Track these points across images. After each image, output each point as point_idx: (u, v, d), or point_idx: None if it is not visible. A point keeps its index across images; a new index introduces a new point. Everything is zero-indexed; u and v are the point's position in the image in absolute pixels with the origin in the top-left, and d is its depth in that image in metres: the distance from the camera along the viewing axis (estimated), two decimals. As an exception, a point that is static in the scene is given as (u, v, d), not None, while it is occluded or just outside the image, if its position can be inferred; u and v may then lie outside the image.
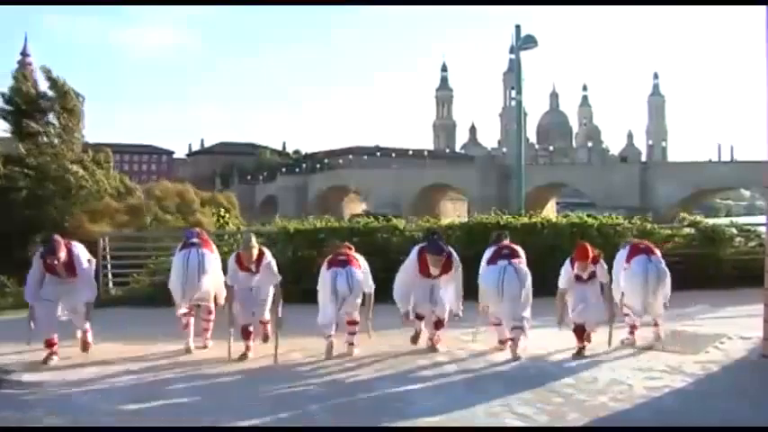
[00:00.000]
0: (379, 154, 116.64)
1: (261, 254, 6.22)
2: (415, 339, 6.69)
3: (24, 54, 79.45)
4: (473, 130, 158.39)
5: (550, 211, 44.42)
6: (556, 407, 4.81)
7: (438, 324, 6.49)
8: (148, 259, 10.32)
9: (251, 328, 6.31)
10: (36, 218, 15.14)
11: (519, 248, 6.56)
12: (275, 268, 6.29)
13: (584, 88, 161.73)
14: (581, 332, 6.27)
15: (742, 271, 10.31)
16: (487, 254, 6.56)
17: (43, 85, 19.06)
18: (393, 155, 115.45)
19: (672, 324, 7.25)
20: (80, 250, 6.19)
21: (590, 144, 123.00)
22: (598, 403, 4.88)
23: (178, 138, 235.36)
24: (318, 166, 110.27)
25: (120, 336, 6.92)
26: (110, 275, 9.80)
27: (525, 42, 13.93)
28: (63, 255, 5.91)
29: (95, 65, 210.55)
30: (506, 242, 6.67)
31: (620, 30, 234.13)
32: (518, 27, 14.11)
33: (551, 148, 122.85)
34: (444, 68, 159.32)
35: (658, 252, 6.56)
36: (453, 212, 76.43)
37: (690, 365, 5.79)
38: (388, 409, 4.78)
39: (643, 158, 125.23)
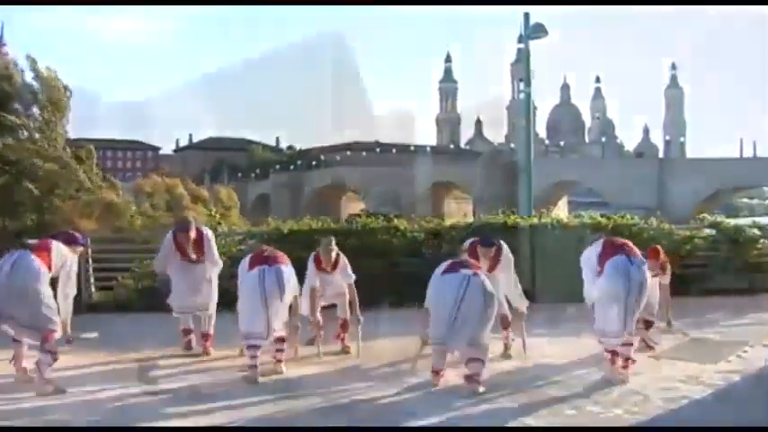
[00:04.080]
0: (378, 150, 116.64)
1: (338, 256, 6.83)
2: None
3: (0, 44, 79.36)
4: (479, 124, 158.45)
5: (561, 211, 44.46)
6: (567, 419, 4.81)
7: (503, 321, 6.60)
8: (133, 262, 10.24)
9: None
10: (11, 216, 15.16)
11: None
12: (349, 269, 6.88)
13: (598, 80, 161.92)
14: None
15: (765, 275, 10.31)
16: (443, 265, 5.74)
17: (27, 76, 18.97)
18: (394, 151, 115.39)
19: (693, 331, 7.28)
20: (209, 232, 6.88)
21: (603, 139, 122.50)
22: (612, 415, 4.87)
23: (167, 134, 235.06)
24: (314, 162, 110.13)
25: (104, 342, 6.87)
26: (92, 279, 9.76)
27: (534, 32, 13.91)
28: (194, 233, 6.59)
29: (84, 57, 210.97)
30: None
31: (636, 18, 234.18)
32: (527, 15, 14.08)
33: (562, 143, 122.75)
34: (448, 59, 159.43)
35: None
36: (458, 212, 76.38)
37: (710, 375, 5.79)
38: (386, 420, 4.79)
39: (660, 154, 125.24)
